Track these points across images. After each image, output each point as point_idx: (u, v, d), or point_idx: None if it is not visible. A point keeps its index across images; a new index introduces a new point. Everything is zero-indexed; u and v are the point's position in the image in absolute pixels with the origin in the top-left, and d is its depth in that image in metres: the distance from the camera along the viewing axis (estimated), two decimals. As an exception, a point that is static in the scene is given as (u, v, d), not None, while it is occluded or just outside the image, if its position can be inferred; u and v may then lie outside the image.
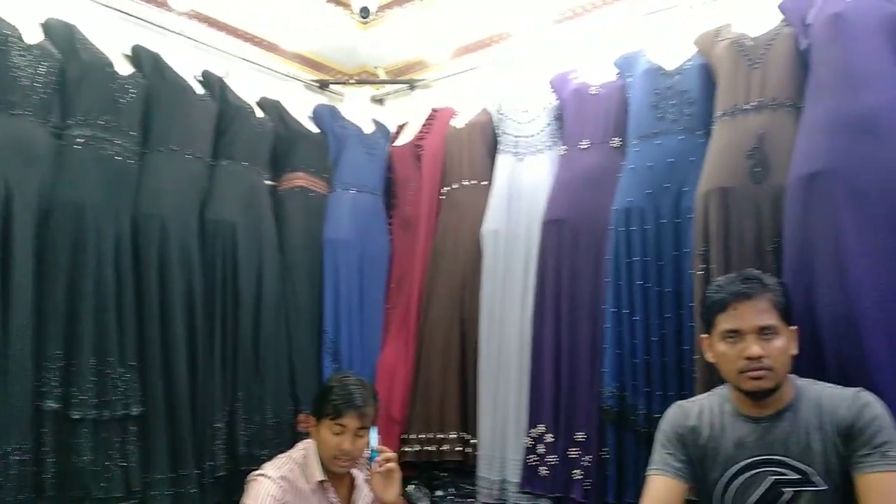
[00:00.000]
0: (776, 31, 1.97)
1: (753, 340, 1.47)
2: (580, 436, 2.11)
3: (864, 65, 1.77)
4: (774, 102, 1.89)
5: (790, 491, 1.46)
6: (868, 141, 1.70)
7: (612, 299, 2.08)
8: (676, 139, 2.07)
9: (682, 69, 2.13)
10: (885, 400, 1.47)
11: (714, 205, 1.88)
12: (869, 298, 1.60)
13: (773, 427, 1.50)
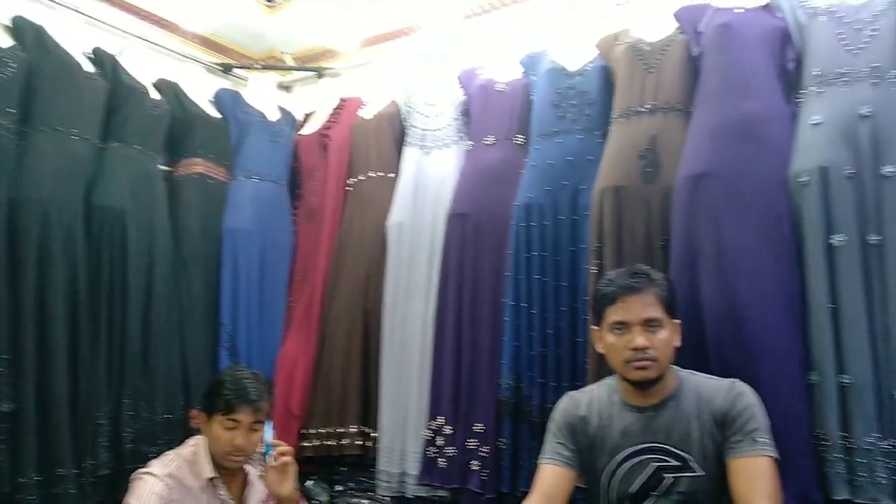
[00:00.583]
0: (671, 37, 2.05)
1: (639, 332, 1.53)
2: (479, 427, 2.14)
3: (748, 74, 1.88)
4: (667, 106, 1.97)
5: (671, 477, 1.53)
6: (749, 145, 1.81)
7: (512, 293, 2.11)
8: (576, 138, 2.13)
9: (583, 70, 2.19)
10: (762, 387, 1.57)
11: (608, 203, 1.95)
12: (747, 293, 1.70)
13: (656, 416, 1.57)
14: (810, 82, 1.81)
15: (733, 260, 1.73)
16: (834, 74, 1.76)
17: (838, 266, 1.65)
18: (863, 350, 1.61)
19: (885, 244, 1.63)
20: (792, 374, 1.67)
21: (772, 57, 1.89)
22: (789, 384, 1.66)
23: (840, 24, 1.80)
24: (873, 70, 1.73)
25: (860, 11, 1.80)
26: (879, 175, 1.67)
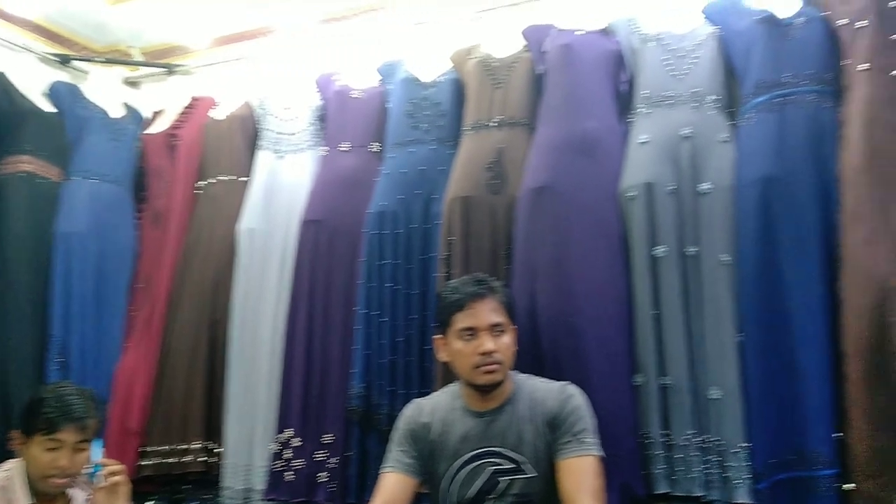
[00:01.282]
0: (518, 54, 2.14)
1: (487, 337, 1.58)
2: (328, 438, 2.10)
3: (587, 93, 1.99)
4: (513, 121, 2.05)
5: (506, 480, 1.57)
6: (586, 161, 1.91)
7: (364, 301, 2.10)
8: (428, 148, 2.16)
9: (436, 82, 2.23)
10: (592, 389, 1.66)
11: (456, 212, 1.99)
12: (581, 299, 1.80)
13: (494, 420, 1.61)
14: (640, 103, 1.94)
15: (569, 268, 1.82)
16: (660, 97, 1.91)
17: (660, 275, 1.78)
18: (680, 353, 1.74)
19: (701, 255, 1.78)
20: (620, 376, 1.78)
21: (608, 78, 2.02)
22: (617, 386, 1.77)
23: (666, 51, 1.95)
24: (693, 95, 1.88)
25: (683, 40, 1.96)
26: (697, 192, 1.82)
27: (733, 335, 1.72)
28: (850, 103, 1.74)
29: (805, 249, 1.68)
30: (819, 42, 1.82)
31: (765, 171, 1.73)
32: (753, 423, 1.67)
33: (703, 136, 1.84)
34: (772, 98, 1.79)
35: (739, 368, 1.71)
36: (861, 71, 1.73)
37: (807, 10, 1.86)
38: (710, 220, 1.79)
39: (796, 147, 1.74)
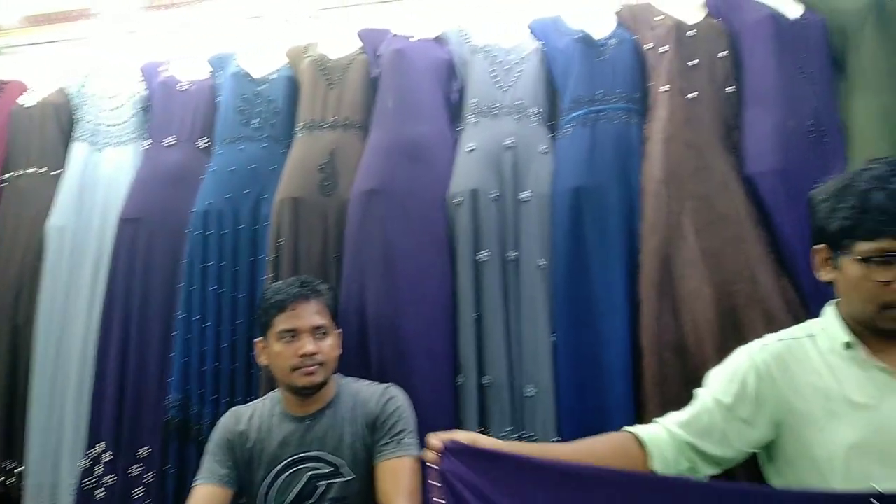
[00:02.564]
0: (354, 56, 2.13)
1: (308, 339, 1.56)
2: (144, 451, 1.97)
3: (419, 99, 2.02)
4: (347, 122, 2.04)
5: (324, 483, 1.56)
6: (416, 166, 1.94)
7: (184, 305, 1.99)
8: (260, 146, 2.09)
9: (269, 78, 2.17)
10: (416, 389, 1.69)
11: (286, 213, 1.94)
12: (408, 303, 1.81)
13: (314, 424, 1.59)
14: (469, 112, 2.00)
15: (396, 271, 1.83)
16: (486, 107, 1.98)
17: (483, 279, 1.84)
18: (500, 353, 1.81)
19: (520, 259, 1.86)
20: (443, 377, 1.81)
21: (439, 86, 2.06)
22: (440, 386, 1.80)
23: (493, 63, 2.03)
24: (517, 107, 1.97)
25: (510, 53, 2.04)
26: (518, 199, 1.90)
27: (548, 335, 1.82)
28: (653, 121, 1.89)
29: (610, 255, 1.81)
30: (628, 63, 1.97)
31: (577, 182, 1.84)
32: (563, 418, 1.76)
33: (525, 146, 1.93)
34: (586, 113, 1.91)
35: (552, 367, 1.80)
36: (663, 92, 1.90)
37: (618, 33, 2.00)
38: (529, 227, 1.87)
39: (605, 160, 1.86)
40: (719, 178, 1.80)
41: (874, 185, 1.11)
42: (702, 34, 1.94)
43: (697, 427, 1.18)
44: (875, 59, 1.85)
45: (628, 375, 1.75)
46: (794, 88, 1.85)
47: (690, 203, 1.78)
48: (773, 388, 1.17)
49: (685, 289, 1.71)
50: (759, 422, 1.17)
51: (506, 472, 1.07)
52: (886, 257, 1.08)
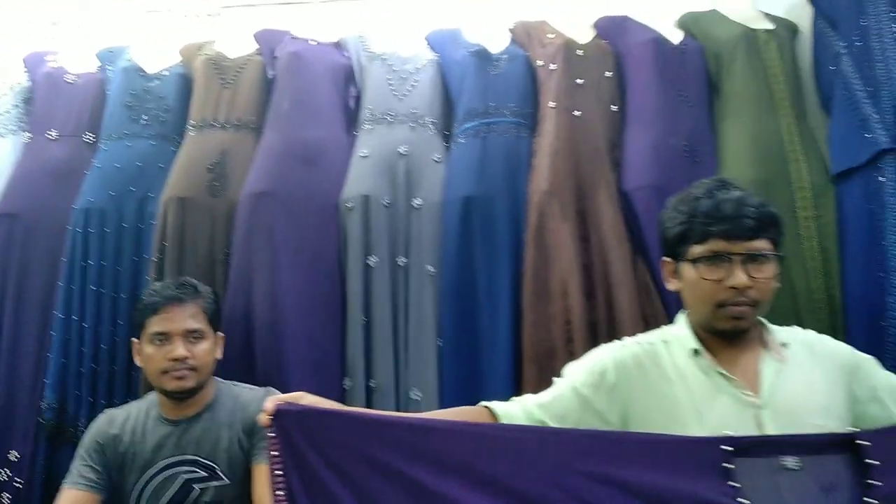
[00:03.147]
0: (250, 56, 2.11)
1: (179, 343, 1.54)
2: (14, 455, 1.88)
3: (315, 102, 2.02)
4: (239, 123, 2.02)
5: (198, 487, 1.54)
6: (310, 170, 1.94)
7: (63, 305, 1.92)
8: (148, 143, 2.05)
9: (161, 74, 2.13)
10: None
11: (172, 213, 1.90)
12: (292, 307, 1.81)
13: (189, 428, 1.57)
14: (365, 119, 2.02)
15: (283, 276, 1.82)
16: (382, 114, 2.00)
17: (372, 284, 1.86)
18: (387, 357, 1.83)
19: (410, 266, 1.89)
20: (329, 380, 1.82)
21: (336, 90, 2.07)
22: (326, 390, 1.75)
23: (390, 71, 2.06)
24: (412, 115, 2.00)
25: (407, 63, 2.08)
26: (411, 206, 1.93)
27: (434, 340, 1.85)
28: (541, 136, 1.97)
29: (496, 263, 1.86)
30: (520, 78, 2.04)
31: (467, 191, 1.89)
32: (447, 422, 1.80)
33: (419, 154, 1.97)
34: (478, 125, 1.97)
35: (438, 371, 1.84)
36: (551, 108, 1.97)
37: (512, 49, 2.07)
38: (420, 234, 1.91)
39: (495, 171, 1.92)
40: (599, 194, 1.89)
41: (703, 194, 1.21)
42: (590, 54, 2.04)
43: (554, 411, 1.23)
44: (745, 86, 1.98)
45: (510, 380, 1.81)
46: (672, 110, 1.97)
47: (571, 217, 1.86)
48: (628, 385, 1.24)
49: (560, 299, 1.79)
50: (611, 415, 1.22)
51: (347, 431, 1.06)
52: (716, 257, 1.18)
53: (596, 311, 1.79)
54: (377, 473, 1.05)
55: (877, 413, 1.20)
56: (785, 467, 1.01)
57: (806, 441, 1.04)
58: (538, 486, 1.04)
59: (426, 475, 1.05)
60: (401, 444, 1.07)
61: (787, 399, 1.17)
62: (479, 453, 1.07)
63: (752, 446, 1.02)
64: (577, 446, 1.07)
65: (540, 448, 1.08)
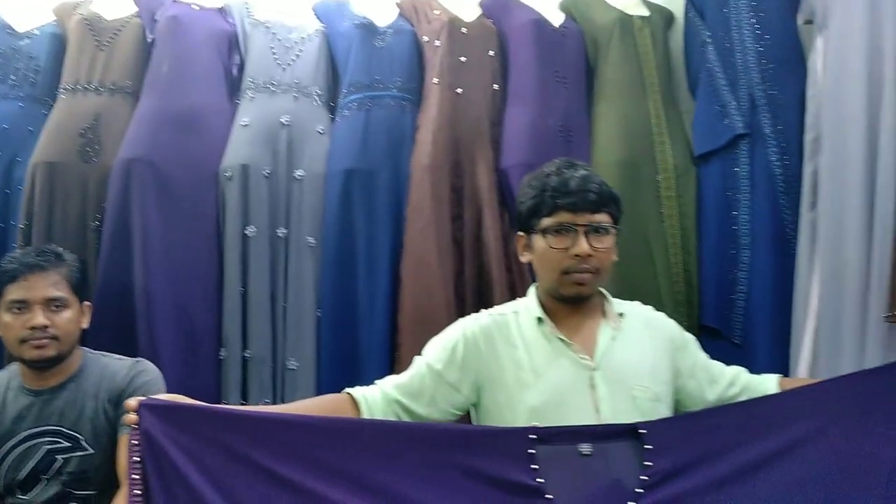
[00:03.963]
0: (128, 19, 2.04)
1: (40, 311, 1.50)
2: None
3: (195, 68, 1.98)
4: (114, 87, 1.96)
5: (61, 458, 1.52)
6: (188, 136, 1.92)
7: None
8: (16, 105, 1.96)
9: (32, 33, 2.04)
10: (172, 363, 1.73)
11: (41, 179, 1.84)
12: (167, 277, 1.80)
13: (53, 398, 1.54)
14: (247, 87, 2.00)
15: (156, 245, 1.81)
16: (264, 83, 1.98)
17: (250, 254, 1.87)
18: (264, 328, 1.85)
19: (290, 237, 1.91)
20: (204, 350, 1.82)
21: (219, 57, 2.04)
22: (201, 360, 1.82)
23: (274, 40, 2.04)
24: (296, 85, 2.00)
25: (291, 32, 2.06)
26: (292, 177, 1.94)
27: (313, 311, 1.89)
28: (424, 111, 2.00)
29: (377, 236, 1.91)
30: (405, 53, 2.06)
31: (349, 164, 1.92)
32: (323, 391, 1.82)
33: (302, 125, 1.97)
34: (362, 98, 1.98)
35: (316, 341, 1.87)
36: (434, 84, 2.01)
37: (398, 23, 2.09)
38: (301, 205, 1.92)
39: (378, 145, 1.95)
40: (478, 170, 1.95)
41: (553, 172, 1.30)
42: (474, 32, 2.08)
43: (410, 389, 1.30)
44: (617, 71, 2.08)
45: (387, 350, 1.87)
46: (549, 90, 2.04)
47: (447, 193, 1.92)
48: (478, 356, 1.31)
49: (437, 272, 1.85)
50: (464, 387, 1.31)
51: (210, 426, 1.10)
52: (562, 228, 1.26)
53: (468, 284, 1.87)
54: (240, 469, 1.10)
55: (692, 388, 1.33)
56: (581, 453, 1.13)
57: (599, 430, 1.16)
58: (393, 478, 1.12)
59: (289, 471, 1.10)
60: (264, 440, 1.12)
61: (617, 363, 1.27)
62: (340, 448, 1.13)
63: (555, 435, 1.14)
64: (414, 436, 1.17)
65: (388, 440, 1.16)
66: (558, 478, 1.11)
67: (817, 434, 1.17)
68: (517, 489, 1.11)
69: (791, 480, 1.14)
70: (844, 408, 1.19)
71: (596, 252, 1.27)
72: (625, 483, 1.12)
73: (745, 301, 1.91)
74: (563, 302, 1.32)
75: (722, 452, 1.14)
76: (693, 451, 1.14)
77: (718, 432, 1.17)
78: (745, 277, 1.92)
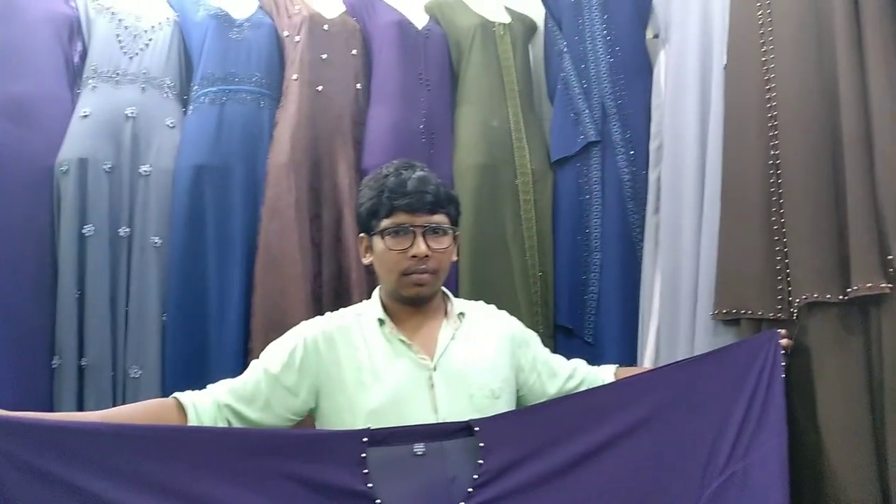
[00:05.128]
0: (-45, -3, 1.86)
1: None
2: None
3: (28, 54, 1.83)
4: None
5: None
6: (18, 127, 1.76)
7: None
8: None
9: None
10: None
11: None
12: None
13: None
14: (89, 75, 1.87)
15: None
16: (109, 72, 1.86)
17: (88, 255, 1.74)
18: (104, 334, 1.73)
19: (134, 236, 1.80)
20: (34, 359, 1.68)
21: (58, 42, 1.89)
22: (31, 368, 1.67)
23: (121, 27, 1.92)
24: (144, 76, 1.89)
25: (140, 20, 1.95)
26: (137, 173, 1.83)
27: (159, 315, 1.78)
28: (283, 108, 1.95)
29: (229, 236, 1.83)
30: (264, 47, 2.00)
31: (200, 160, 1.84)
32: (169, 399, 1.74)
33: (149, 118, 1.86)
34: (217, 92, 1.90)
35: (161, 347, 1.77)
36: (294, 80, 1.96)
37: (257, 16, 2.02)
38: (147, 203, 1.82)
39: (232, 140, 1.88)
40: (338, 170, 1.92)
41: (391, 173, 1.29)
42: (336, 30, 2.05)
43: (243, 393, 1.25)
44: (479, 76, 2.11)
45: (238, 354, 1.79)
46: (412, 92, 2.04)
47: (306, 192, 1.87)
48: (318, 360, 1.28)
49: (291, 273, 1.80)
50: (301, 391, 1.27)
51: (23, 440, 1.02)
52: (400, 229, 1.26)
53: (326, 286, 1.83)
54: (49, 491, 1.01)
55: (534, 383, 1.37)
56: (415, 454, 1.13)
57: (434, 430, 1.16)
58: (219, 489, 1.07)
59: (105, 488, 1.02)
60: (77, 454, 1.03)
61: (456, 362, 1.28)
62: (162, 459, 1.06)
63: (389, 436, 1.13)
64: (242, 444, 1.11)
65: (214, 448, 1.10)
66: (390, 480, 1.11)
67: (641, 424, 1.21)
68: (347, 495, 1.09)
69: (617, 470, 1.18)
70: (667, 397, 1.24)
71: (434, 253, 1.27)
72: (459, 482, 1.12)
73: (596, 301, 1.98)
74: (404, 303, 1.31)
75: (553, 445, 1.17)
76: (525, 446, 1.16)
77: (551, 426, 1.19)
78: (595, 279, 2.00)
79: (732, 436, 1.20)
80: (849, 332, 1.30)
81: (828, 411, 1.28)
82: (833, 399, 1.28)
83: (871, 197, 1.27)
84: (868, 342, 1.28)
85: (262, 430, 1.23)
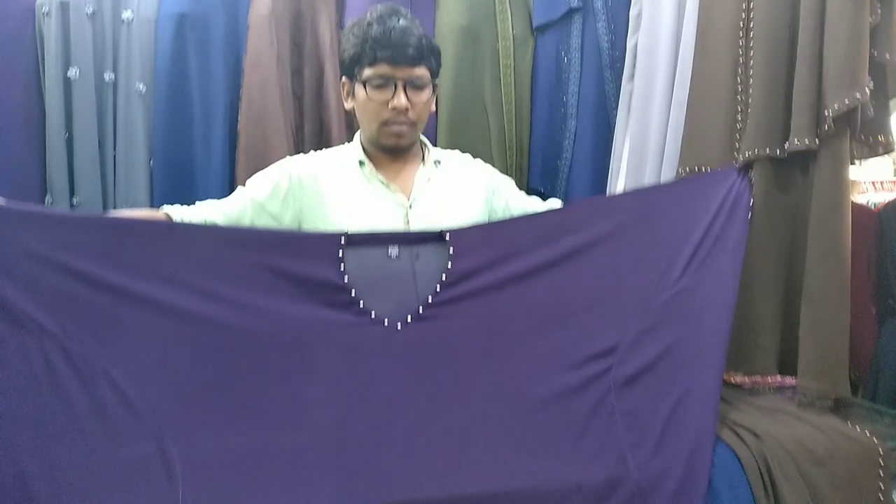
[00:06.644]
0: None
1: None
2: None
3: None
4: None
5: None
6: None
7: None
8: None
9: None
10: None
11: None
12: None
13: None
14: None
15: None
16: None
17: (74, 97, 1.77)
18: (94, 174, 1.79)
19: (118, 82, 1.83)
20: (29, 199, 1.73)
21: None
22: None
23: None
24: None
25: None
26: (119, 19, 1.83)
27: (146, 161, 1.84)
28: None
29: (212, 85, 1.86)
30: None
31: (182, 8, 1.83)
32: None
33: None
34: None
35: (149, 191, 1.84)
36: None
37: None
38: (129, 50, 1.83)
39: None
40: (319, 23, 1.92)
41: (375, 20, 1.32)
42: None
43: (230, 214, 1.34)
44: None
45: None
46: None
47: (288, 46, 1.89)
48: (301, 192, 1.37)
49: (274, 124, 1.85)
50: (285, 218, 1.37)
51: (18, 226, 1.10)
52: (383, 80, 1.31)
53: (308, 140, 1.88)
54: (52, 274, 1.08)
55: None
56: (389, 256, 1.21)
57: (408, 236, 1.24)
58: (206, 277, 1.14)
59: (103, 273, 1.10)
60: (78, 242, 1.10)
61: (430, 202, 1.38)
62: (153, 250, 1.13)
63: (365, 240, 1.20)
64: (227, 239, 1.18)
65: (201, 242, 1.17)
66: (365, 277, 1.18)
67: (605, 238, 1.26)
68: (325, 287, 1.16)
69: (575, 277, 1.24)
70: (633, 216, 1.29)
71: (414, 106, 1.33)
72: (428, 281, 1.20)
73: (568, 167, 2.06)
74: (383, 150, 1.39)
75: (519, 253, 1.23)
76: (492, 253, 1.22)
77: (518, 237, 1.24)
78: (570, 145, 2.07)
79: (689, 253, 1.26)
80: (784, 189, 1.40)
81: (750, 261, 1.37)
82: (755, 252, 1.38)
83: (817, 60, 1.33)
84: (798, 197, 1.38)
85: (246, 228, 1.31)
